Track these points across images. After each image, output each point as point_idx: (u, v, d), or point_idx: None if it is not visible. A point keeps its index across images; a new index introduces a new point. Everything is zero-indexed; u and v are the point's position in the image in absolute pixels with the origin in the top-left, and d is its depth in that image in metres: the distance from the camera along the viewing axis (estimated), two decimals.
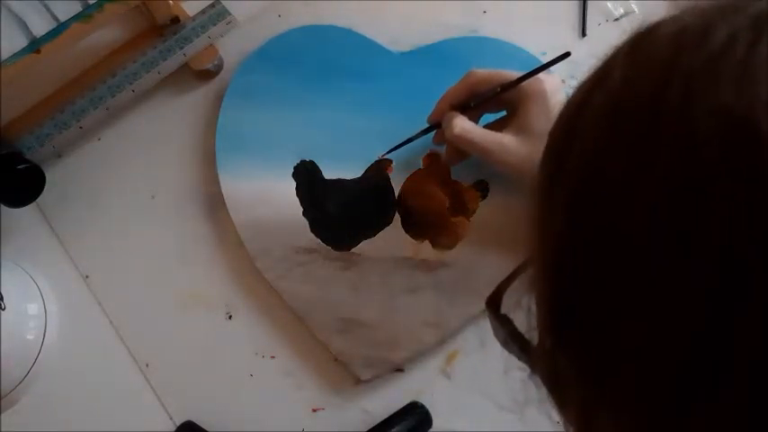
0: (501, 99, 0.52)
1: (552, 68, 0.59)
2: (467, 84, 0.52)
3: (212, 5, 0.60)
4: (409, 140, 0.55)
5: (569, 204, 0.22)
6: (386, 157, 0.57)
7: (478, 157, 0.52)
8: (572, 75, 0.60)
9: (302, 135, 0.58)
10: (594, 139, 0.22)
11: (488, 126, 0.53)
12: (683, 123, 0.19)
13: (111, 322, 0.57)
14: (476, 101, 0.52)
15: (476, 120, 0.53)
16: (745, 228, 0.17)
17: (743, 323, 0.17)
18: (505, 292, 0.28)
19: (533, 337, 0.26)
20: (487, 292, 0.54)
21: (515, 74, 0.51)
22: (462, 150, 0.53)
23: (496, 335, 0.31)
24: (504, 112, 0.54)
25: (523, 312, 0.27)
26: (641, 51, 0.22)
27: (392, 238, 0.56)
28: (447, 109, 0.52)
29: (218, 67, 0.61)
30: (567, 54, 0.49)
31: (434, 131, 0.54)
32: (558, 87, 0.51)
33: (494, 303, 0.29)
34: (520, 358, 0.28)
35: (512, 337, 0.28)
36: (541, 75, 0.50)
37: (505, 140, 0.50)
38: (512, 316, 0.29)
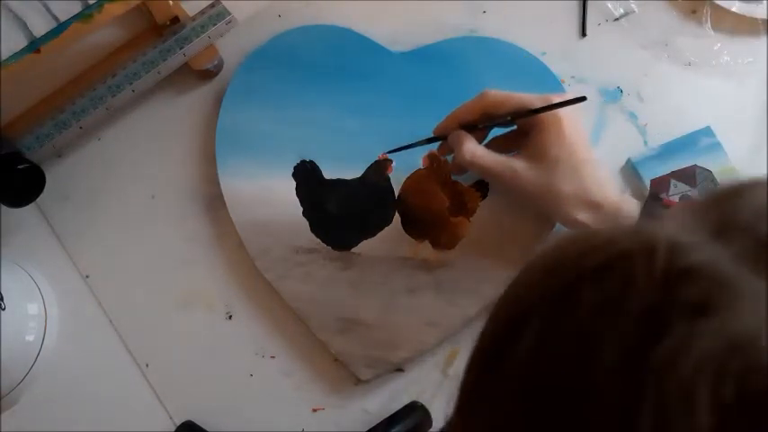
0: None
1: (555, 72, 0.59)
2: (479, 104, 0.50)
3: (212, 5, 0.60)
4: (411, 146, 0.54)
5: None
6: (386, 157, 0.57)
7: (490, 181, 0.51)
8: (572, 75, 0.61)
9: (302, 135, 0.58)
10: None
11: (497, 141, 0.53)
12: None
13: (111, 322, 0.57)
14: (486, 124, 0.51)
15: (485, 135, 0.52)
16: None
17: None
18: None
19: None
20: (488, 292, 0.54)
21: (529, 97, 0.49)
22: None
23: None
24: (513, 127, 0.53)
25: None
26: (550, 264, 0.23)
27: (392, 238, 0.56)
28: (455, 126, 0.51)
29: (218, 67, 0.61)
30: (583, 98, 0.47)
31: (439, 142, 0.54)
32: (574, 113, 0.49)
33: None
34: None
35: None
36: (556, 99, 0.48)
37: (518, 167, 0.49)
38: None
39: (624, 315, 0.18)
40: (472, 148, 0.50)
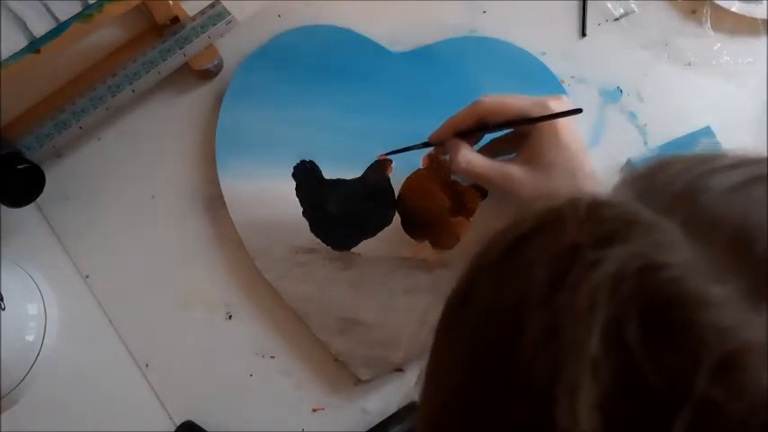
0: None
1: (555, 72, 0.59)
2: (474, 113, 0.49)
3: (212, 5, 0.60)
4: (408, 149, 0.53)
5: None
6: (385, 157, 0.57)
7: (487, 188, 0.53)
8: (572, 75, 0.61)
9: (302, 135, 0.58)
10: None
11: (494, 143, 0.52)
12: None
13: (110, 322, 0.57)
14: (481, 132, 0.50)
15: (479, 138, 0.52)
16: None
17: None
18: None
19: None
20: None
21: (525, 103, 0.48)
22: None
23: None
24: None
25: None
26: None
27: (392, 238, 0.56)
28: (450, 134, 0.50)
29: (218, 67, 0.61)
30: (580, 110, 0.46)
31: (435, 146, 0.53)
32: (570, 119, 0.48)
33: None
34: None
35: None
36: (552, 104, 0.47)
37: (514, 172, 0.48)
38: None
39: (553, 253, 0.23)
40: (468, 156, 0.49)
